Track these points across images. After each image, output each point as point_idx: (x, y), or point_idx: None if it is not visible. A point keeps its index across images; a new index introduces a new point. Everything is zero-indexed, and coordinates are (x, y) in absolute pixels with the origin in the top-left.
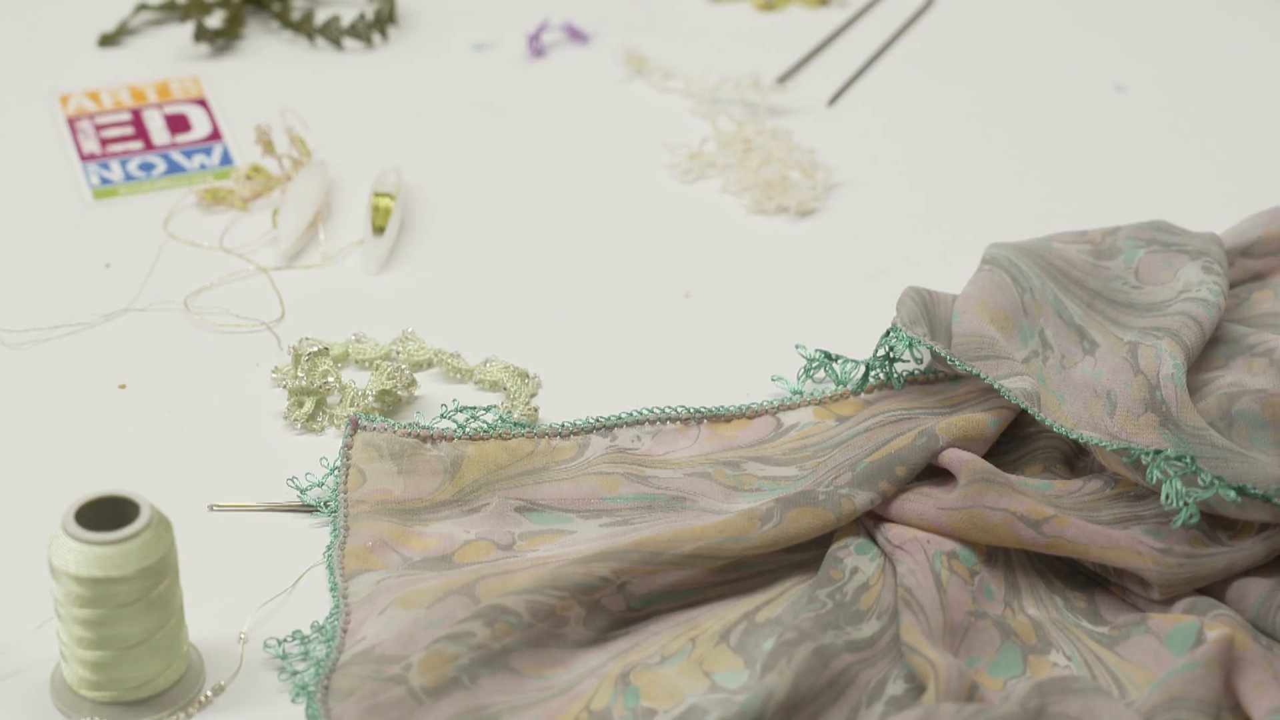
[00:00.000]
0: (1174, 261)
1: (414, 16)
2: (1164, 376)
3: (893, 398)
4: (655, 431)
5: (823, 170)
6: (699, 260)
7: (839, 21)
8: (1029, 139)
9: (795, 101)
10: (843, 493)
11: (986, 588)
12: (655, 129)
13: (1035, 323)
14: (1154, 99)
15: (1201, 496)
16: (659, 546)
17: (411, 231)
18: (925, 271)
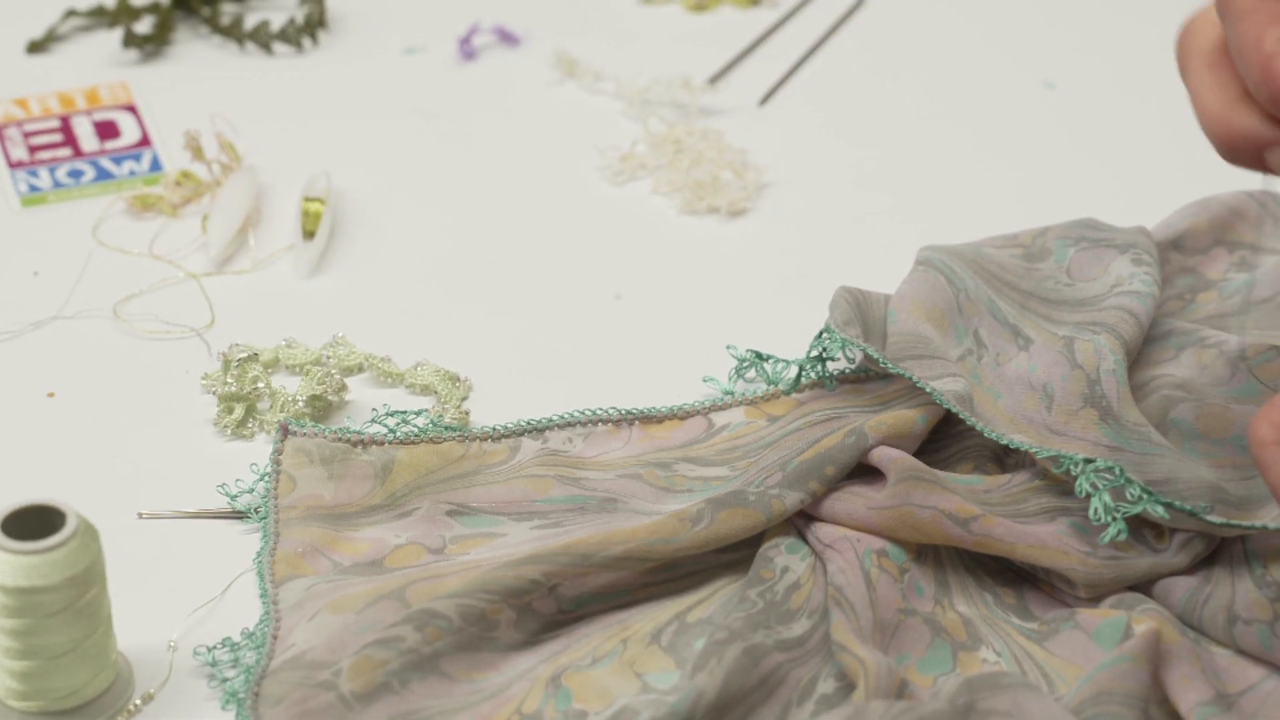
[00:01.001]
0: (1104, 257)
1: (344, 20)
2: (1105, 371)
3: (825, 397)
4: (587, 433)
5: (754, 170)
6: (630, 262)
7: (770, 21)
8: (960, 137)
9: (726, 102)
10: (773, 493)
11: (916, 585)
12: (586, 131)
13: (970, 322)
14: (1084, 96)
15: (1130, 511)
16: (590, 549)
17: (342, 236)
18: (857, 271)
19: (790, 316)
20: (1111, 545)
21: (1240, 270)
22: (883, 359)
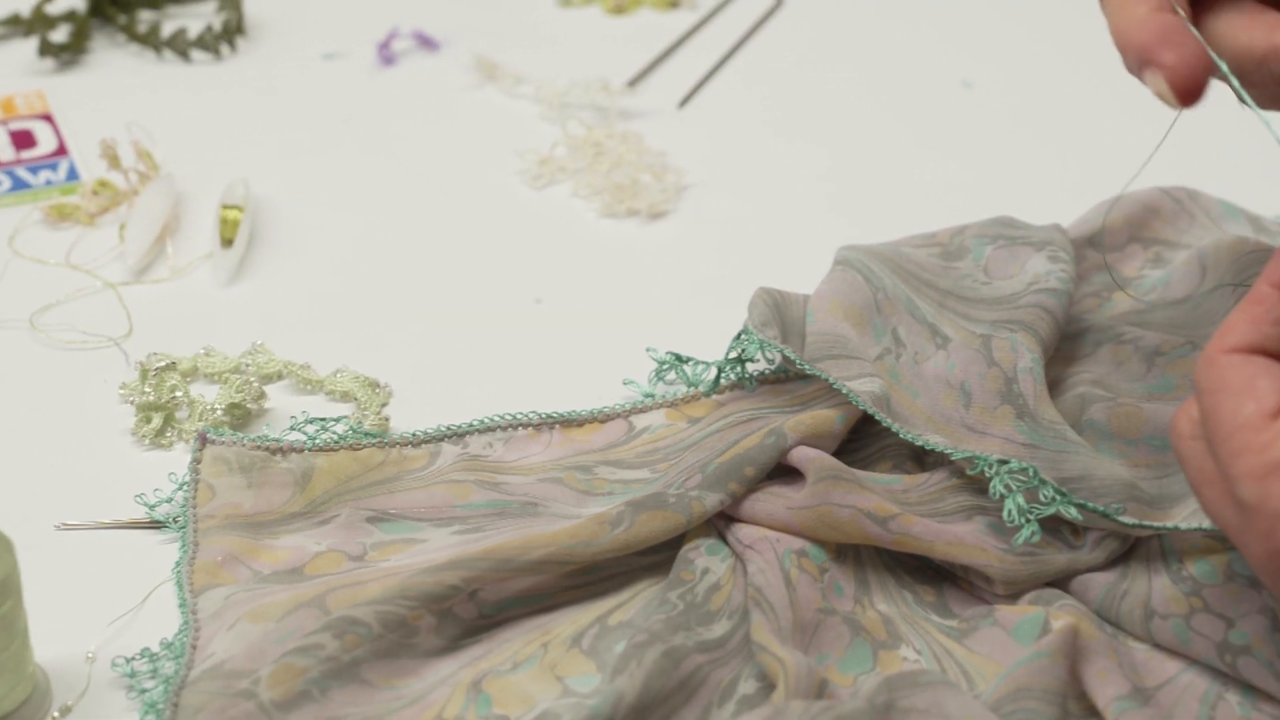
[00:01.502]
0: (1020, 254)
1: (262, 27)
2: (1022, 370)
3: (745, 398)
4: (507, 438)
5: (673, 172)
6: (550, 265)
7: (689, 23)
8: (879, 137)
9: (646, 104)
10: (693, 495)
11: (836, 585)
12: (506, 135)
13: (888, 320)
14: (1001, 95)
15: (1043, 513)
16: (510, 553)
17: (261, 243)
18: (777, 272)
19: (711, 318)
20: (1028, 543)
21: (1155, 267)
22: (799, 360)
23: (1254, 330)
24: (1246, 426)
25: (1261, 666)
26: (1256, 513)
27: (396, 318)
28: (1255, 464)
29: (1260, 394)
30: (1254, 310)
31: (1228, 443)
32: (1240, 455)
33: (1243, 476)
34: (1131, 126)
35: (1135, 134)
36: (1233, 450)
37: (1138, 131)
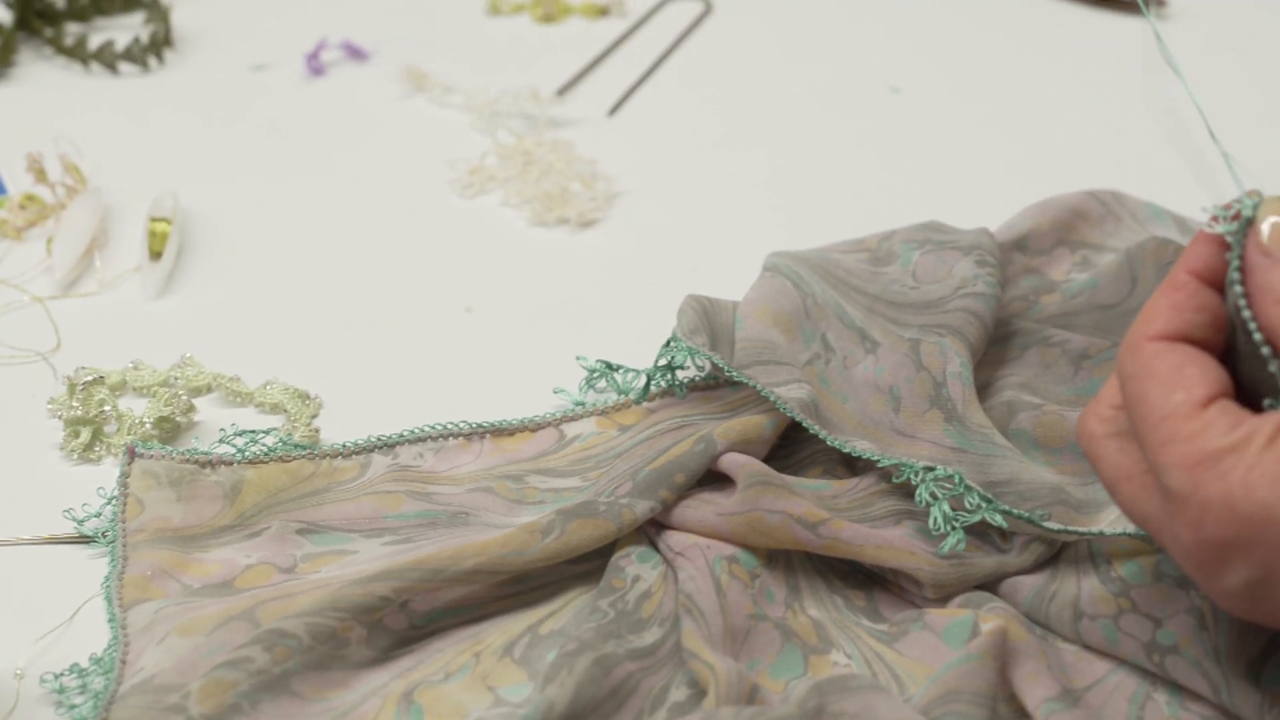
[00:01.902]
0: (948, 259)
1: (190, 39)
2: (950, 374)
3: (675, 405)
4: (438, 448)
5: (603, 180)
6: (480, 274)
7: (618, 31)
8: (809, 143)
9: (575, 113)
10: (623, 502)
11: (767, 590)
12: (436, 144)
13: (817, 326)
14: (928, 100)
15: (969, 521)
16: (440, 564)
17: (191, 256)
18: (706, 279)
19: (642, 325)
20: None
21: (1083, 270)
22: (727, 367)
23: (1177, 317)
24: (1175, 415)
25: (1189, 666)
26: (1186, 502)
27: (327, 329)
28: (1185, 452)
29: (1189, 382)
30: (1175, 297)
31: (1155, 431)
32: (1169, 444)
33: (1173, 465)
34: (1058, 130)
35: (1062, 138)
36: (1161, 438)
37: (1064, 135)
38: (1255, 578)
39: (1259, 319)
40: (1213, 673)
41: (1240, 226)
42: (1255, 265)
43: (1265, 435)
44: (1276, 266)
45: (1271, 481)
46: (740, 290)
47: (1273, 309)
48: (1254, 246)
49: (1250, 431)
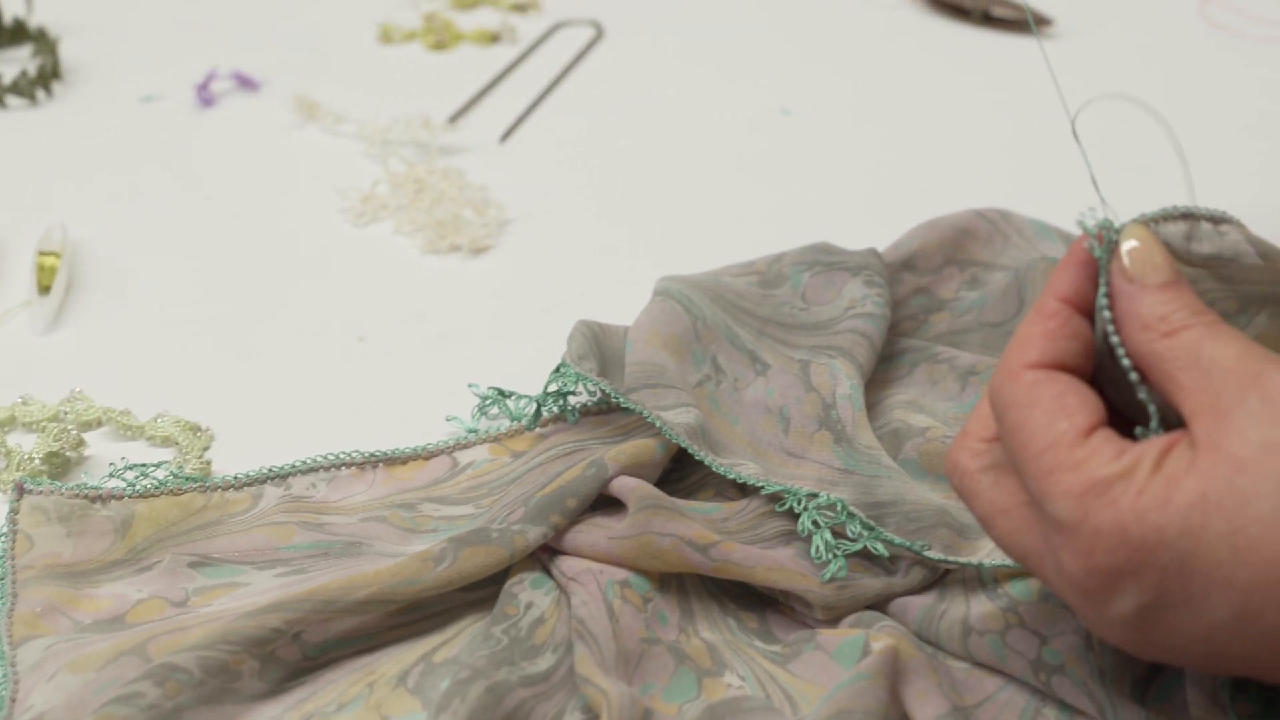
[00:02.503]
0: (836, 280)
1: (79, 71)
2: (840, 396)
3: (567, 430)
4: (331, 478)
5: (495, 207)
6: (373, 303)
7: (510, 58)
8: (701, 166)
9: (467, 140)
10: (515, 529)
11: (660, 614)
12: (328, 173)
13: (707, 349)
14: (819, 121)
15: (850, 550)
16: (332, 594)
17: (81, 289)
18: (601, 304)
19: (535, 351)
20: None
21: (972, 288)
22: (614, 393)
23: (1052, 345)
24: (1060, 443)
25: (1074, 686)
26: (1075, 531)
27: (218, 360)
28: (1072, 481)
29: (1071, 410)
30: (1048, 325)
31: (1039, 460)
32: (1054, 472)
33: (1059, 494)
34: (946, 150)
35: (950, 157)
36: (1046, 468)
37: (953, 155)
38: (1147, 602)
39: (1126, 345)
40: (1098, 693)
41: (1105, 250)
42: (1120, 291)
43: (1151, 460)
44: (1140, 292)
45: (1162, 505)
46: (632, 315)
47: (1138, 335)
48: (1117, 272)
49: (1136, 458)
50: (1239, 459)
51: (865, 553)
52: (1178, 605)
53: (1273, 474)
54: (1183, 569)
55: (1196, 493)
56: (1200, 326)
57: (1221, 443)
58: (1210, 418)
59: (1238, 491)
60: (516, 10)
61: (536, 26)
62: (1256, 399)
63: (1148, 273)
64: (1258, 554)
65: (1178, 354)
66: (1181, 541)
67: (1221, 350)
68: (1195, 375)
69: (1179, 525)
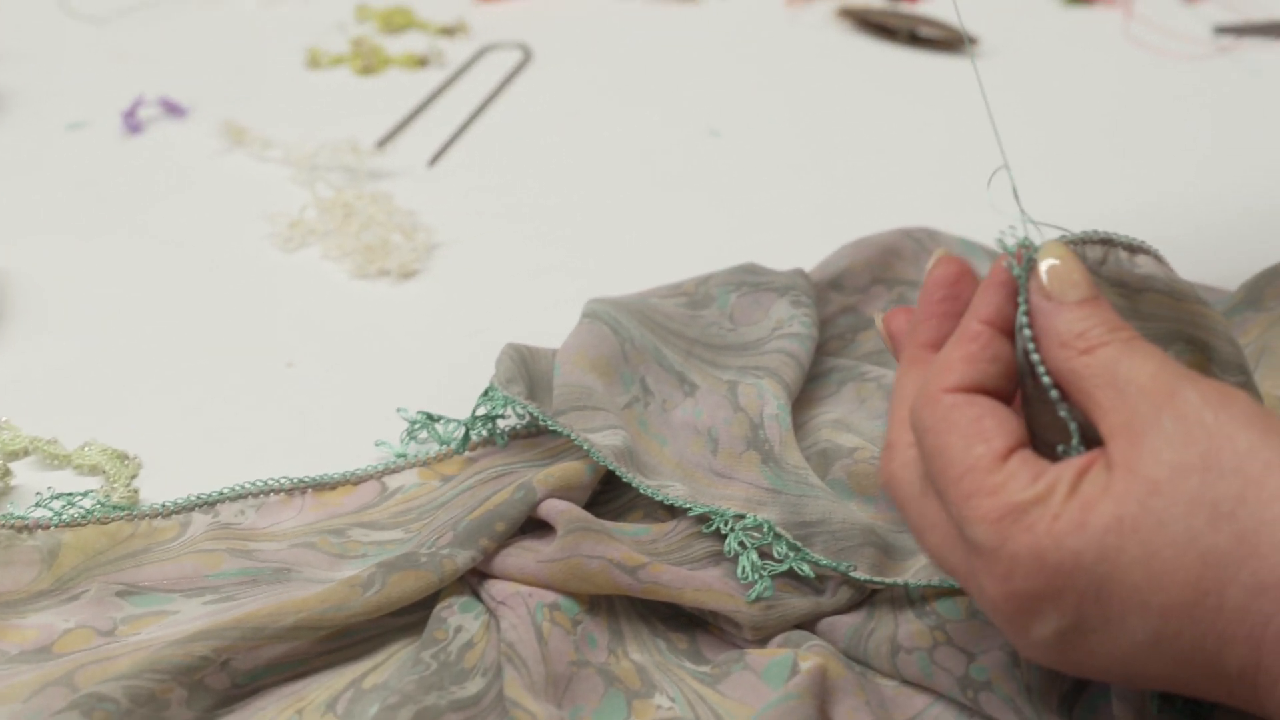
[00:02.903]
0: (764, 300)
1: (5, 99)
2: (768, 416)
3: (497, 453)
4: (259, 504)
5: (424, 231)
6: (302, 328)
7: (438, 82)
8: (630, 188)
9: (396, 164)
10: (444, 553)
11: (590, 636)
12: (256, 199)
13: (636, 370)
14: (747, 142)
15: (776, 570)
16: (261, 621)
17: (8, 318)
18: (527, 327)
19: (465, 375)
20: (774, 587)
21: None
22: (542, 416)
23: (972, 368)
24: (977, 468)
25: (1002, 702)
26: (993, 556)
27: (146, 388)
28: (990, 506)
29: (989, 435)
30: (969, 348)
31: (957, 485)
32: (972, 498)
33: (977, 519)
34: (874, 169)
35: (878, 176)
36: (964, 493)
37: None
38: (1066, 625)
39: (1045, 363)
40: (1025, 710)
41: (1024, 269)
42: (1039, 310)
43: (1067, 484)
44: (1058, 310)
45: (1077, 529)
46: (560, 337)
47: (1057, 352)
48: (1036, 290)
49: (1053, 481)
50: (1152, 481)
51: (793, 573)
52: (1096, 628)
53: (1185, 496)
54: (1100, 593)
55: (1112, 516)
56: (1117, 343)
57: (1135, 465)
58: (1125, 438)
59: (1151, 514)
60: (444, 34)
61: (464, 50)
62: (1170, 419)
63: (1066, 290)
64: (1172, 577)
65: (1094, 371)
66: (1098, 566)
67: (1137, 368)
68: (1111, 394)
69: (1095, 550)
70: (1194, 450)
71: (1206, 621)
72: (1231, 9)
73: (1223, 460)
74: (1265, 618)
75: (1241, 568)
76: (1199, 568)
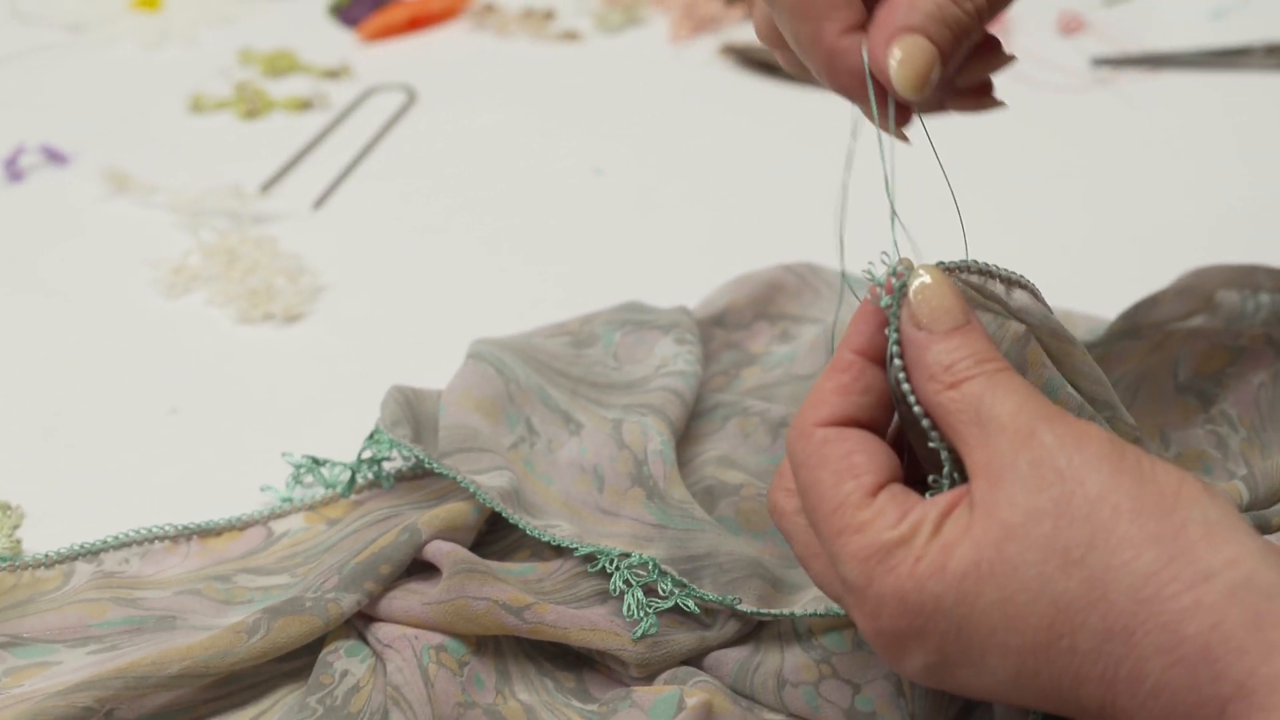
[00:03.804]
0: (648, 338)
1: None
2: (652, 452)
3: (383, 496)
4: (144, 552)
5: (308, 274)
6: (186, 375)
7: (322, 125)
8: (514, 228)
9: (280, 208)
10: (329, 597)
11: (477, 677)
12: (139, 246)
13: (521, 410)
14: (630, 180)
15: (661, 608)
16: (145, 670)
17: None
18: (412, 368)
19: (351, 418)
20: (661, 624)
21: (782, 342)
22: (427, 459)
23: (844, 400)
24: (847, 504)
25: None
26: (861, 595)
27: (27, 437)
28: (859, 545)
29: (858, 470)
30: (841, 379)
31: (829, 521)
32: (842, 535)
33: (847, 557)
34: (757, 205)
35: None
36: (834, 529)
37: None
38: (932, 662)
39: (917, 393)
40: None
41: (895, 299)
42: (910, 340)
43: (931, 524)
44: (929, 341)
45: (938, 572)
46: (446, 378)
47: (927, 386)
48: (907, 319)
49: (917, 521)
50: (1008, 525)
51: (679, 608)
52: (961, 665)
53: (1038, 542)
54: (960, 634)
55: (970, 561)
56: (983, 377)
57: (993, 508)
58: (986, 479)
59: (1007, 559)
60: (329, 77)
61: (349, 92)
62: (1026, 462)
63: (938, 318)
64: (1026, 621)
65: (960, 407)
66: (957, 609)
67: (1000, 405)
68: (975, 430)
69: (954, 594)
70: (1047, 495)
71: (1061, 663)
72: (1109, 41)
73: (1074, 506)
74: (1116, 660)
75: (1091, 612)
76: (1052, 612)
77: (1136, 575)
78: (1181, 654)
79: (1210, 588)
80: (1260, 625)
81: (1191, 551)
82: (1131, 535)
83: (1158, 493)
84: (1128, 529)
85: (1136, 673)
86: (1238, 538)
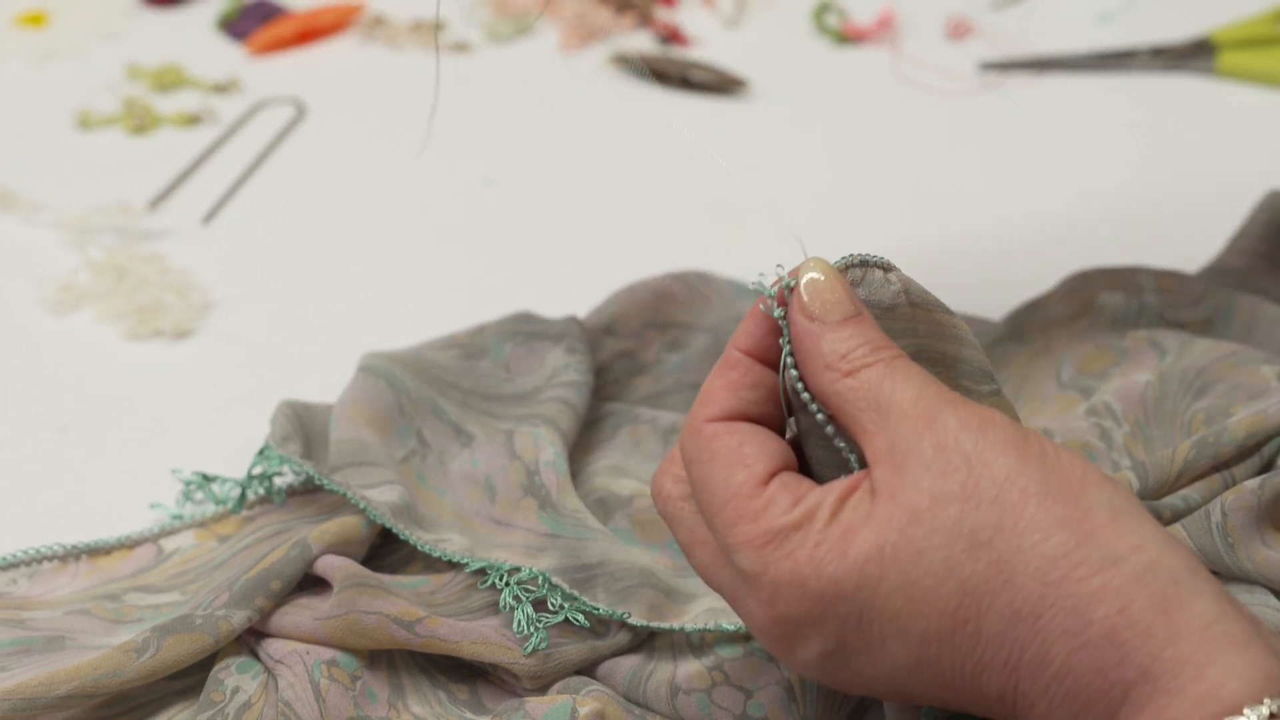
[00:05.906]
0: (538, 349)
1: None
2: (544, 463)
3: (274, 511)
4: (32, 572)
5: (198, 290)
6: (74, 393)
7: (211, 139)
8: (405, 240)
9: (169, 223)
10: (220, 614)
11: (369, 691)
12: (26, 264)
13: (413, 423)
14: (520, 191)
15: (551, 622)
16: (33, 691)
17: None
18: (303, 383)
19: (242, 434)
20: (554, 634)
21: (673, 351)
22: (316, 475)
23: (733, 396)
24: (739, 495)
25: None
26: (756, 582)
27: None
28: (752, 533)
29: (749, 461)
30: (729, 376)
31: (722, 512)
32: (736, 524)
33: (741, 546)
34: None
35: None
36: (728, 520)
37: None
38: (829, 649)
39: (811, 386)
40: None
41: (786, 288)
42: (803, 331)
43: (828, 509)
44: (822, 331)
45: (838, 557)
46: (337, 392)
47: (821, 375)
48: (799, 311)
49: (813, 507)
50: (912, 510)
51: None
52: (859, 652)
53: (943, 526)
54: (860, 620)
55: (873, 545)
56: (880, 364)
57: (897, 493)
58: (888, 464)
59: (911, 544)
60: (217, 91)
61: (238, 107)
62: (930, 445)
63: (829, 309)
64: (931, 606)
65: (858, 394)
66: (858, 594)
67: (900, 391)
68: (875, 417)
69: (855, 579)
70: (954, 479)
71: (965, 648)
72: (996, 46)
73: (981, 489)
74: (1021, 644)
75: (998, 596)
76: (958, 596)
77: (1045, 558)
78: (1088, 637)
79: (1118, 571)
80: (1166, 609)
81: (1098, 536)
82: (1039, 519)
83: (1063, 478)
84: (1035, 512)
85: (1041, 657)
86: (1141, 524)
